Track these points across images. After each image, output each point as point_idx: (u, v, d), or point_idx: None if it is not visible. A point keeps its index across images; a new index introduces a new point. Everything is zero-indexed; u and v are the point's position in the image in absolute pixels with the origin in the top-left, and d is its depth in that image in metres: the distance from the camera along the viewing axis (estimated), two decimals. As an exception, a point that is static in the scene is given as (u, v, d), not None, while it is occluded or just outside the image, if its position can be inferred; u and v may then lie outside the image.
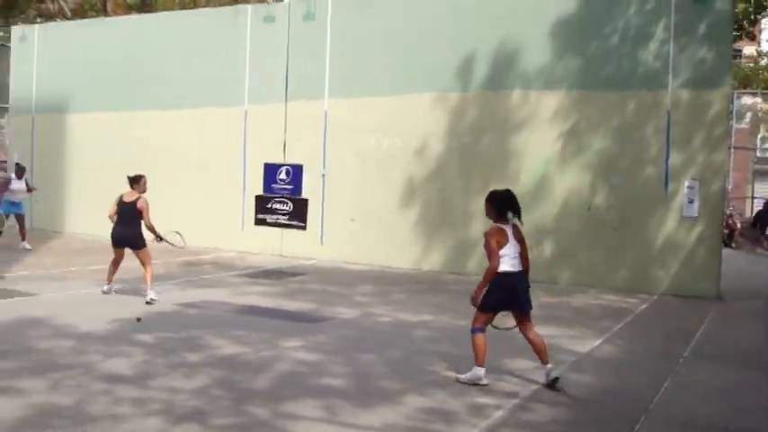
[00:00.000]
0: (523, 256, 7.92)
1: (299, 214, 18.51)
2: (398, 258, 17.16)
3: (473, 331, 7.88)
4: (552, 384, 7.75)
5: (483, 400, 7.30)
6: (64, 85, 23.29)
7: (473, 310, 7.96)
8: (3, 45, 31.74)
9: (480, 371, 7.79)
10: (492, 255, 7.76)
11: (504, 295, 7.78)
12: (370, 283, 14.99)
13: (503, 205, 7.91)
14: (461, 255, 16.57)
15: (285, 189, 18.71)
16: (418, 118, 17.16)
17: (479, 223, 16.23)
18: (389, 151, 17.51)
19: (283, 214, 18.73)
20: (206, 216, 19.49)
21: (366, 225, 17.70)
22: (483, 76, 16.62)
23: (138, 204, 12.02)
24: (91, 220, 21.94)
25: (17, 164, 20.33)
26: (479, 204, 16.12)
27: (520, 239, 7.93)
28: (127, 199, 12.15)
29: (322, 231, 18.27)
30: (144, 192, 12.20)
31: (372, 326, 10.84)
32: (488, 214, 8.05)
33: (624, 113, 15.43)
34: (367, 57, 17.86)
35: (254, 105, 19.36)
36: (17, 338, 9.25)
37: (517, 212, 7.93)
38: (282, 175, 18.74)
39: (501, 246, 7.77)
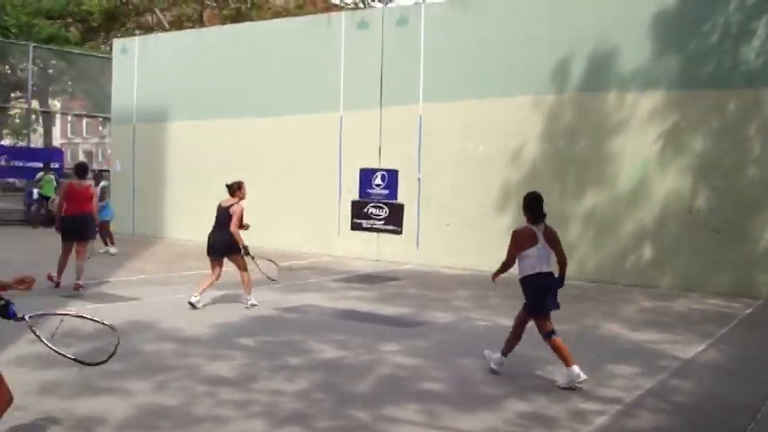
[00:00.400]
0: (558, 257, 8.24)
1: (394, 219, 18.57)
2: (494, 262, 16.77)
3: (547, 337, 8.12)
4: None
5: (585, 405, 7.21)
6: (163, 94, 23.88)
7: (574, 312, 7.99)
8: (105, 58, 32.70)
9: (574, 370, 7.76)
10: (508, 253, 8.36)
11: (540, 295, 8.15)
12: (466, 287, 14.94)
13: (529, 207, 8.31)
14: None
15: (381, 194, 18.79)
16: (513, 121, 17.04)
17: (576, 227, 16.11)
18: (485, 155, 17.43)
19: (379, 219, 18.82)
20: (303, 221, 19.72)
21: (462, 229, 17.65)
22: (579, 77, 16.41)
23: (231, 209, 11.95)
24: (191, 227, 22.43)
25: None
26: (575, 208, 16.13)
27: (553, 241, 8.24)
28: (224, 204, 12.14)
29: (418, 236, 18.30)
30: (243, 198, 12.15)
31: (470, 330, 10.81)
32: (525, 215, 8.38)
33: (725, 113, 15.02)
34: (461, 60, 17.83)
35: (350, 111, 19.51)
36: (123, 341, 9.46)
37: (539, 216, 8.27)
38: (378, 180, 18.83)
39: (528, 246, 8.13)
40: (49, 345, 5.61)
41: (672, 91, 15.44)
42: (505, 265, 8.37)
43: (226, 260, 12.06)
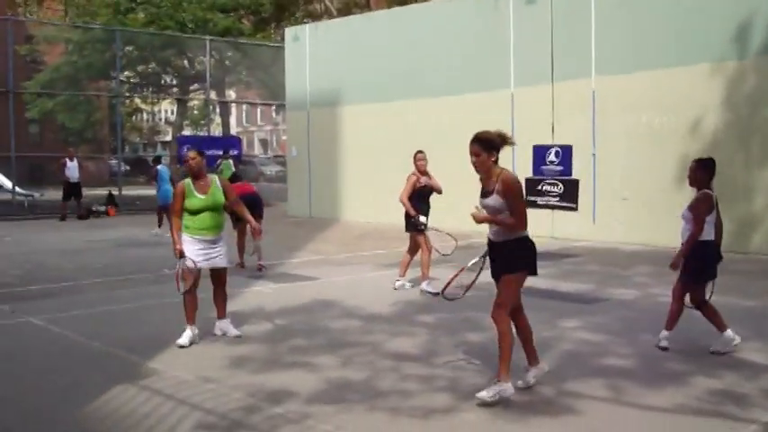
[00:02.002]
0: (718, 226, 8.16)
1: (569, 195, 18.30)
2: (674, 238, 16.44)
3: (703, 304, 8.17)
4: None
5: (779, 382, 6.92)
6: (335, 79, 24.36)
7: (762, 289, 7.67)
8: (277, 47, 33.61)
9: (729, 333, 7.89)
10: (700, 221, 7.98)
11: (710, 262, 8.10)
12: (645, 263, 14.57)
13: (713, 173, 8.15)
14: (743, 232, 15.69)
15: (555, 170, 18.56)
16: (692, 91, 16.42)
17: (762, 198, 15.41)
18: (662, 127, 16.90)
19: (554, 196, 18.59)
20: (477, 201, 19.71)
21: (639, 204, 17.20)
22: (761, 41, 15.62)
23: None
24: (367, 208, 22.84)
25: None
26: (761, 178, 15.40)
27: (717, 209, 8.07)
28: None
29: (594, 212, 17.96)
30: (418, 169, 11.77)
31: (653, 307, 10.52)
32: (695, 182, 8.24)
33: None
34: (635, 30, 17.32)
35: (521, 88, 19.33)
36: (309, 318, 9.82)
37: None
38: (552, 157, 18.60)
39: (708, 213, 7.97)
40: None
41: None
42: (695, 237, 8.05)
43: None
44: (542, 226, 18.76)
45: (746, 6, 15.70)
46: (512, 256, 6.73)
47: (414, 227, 11.69)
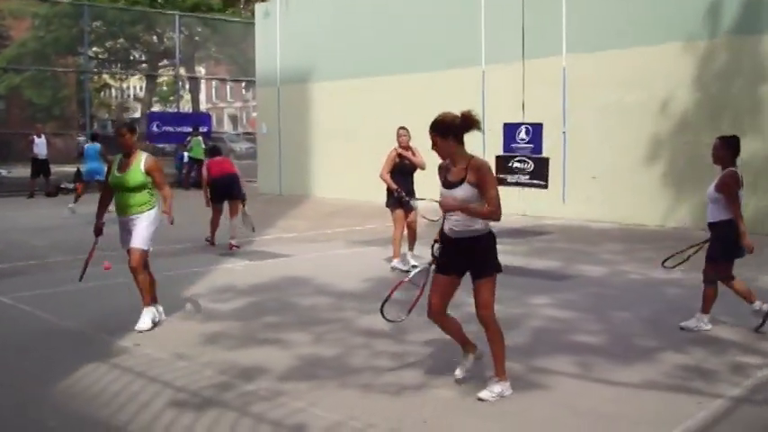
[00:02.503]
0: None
1: (540, 173, 18.30)
2: (643, 215, 16.69)
3: (730, 280, 8.07)
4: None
5: (745, 359, 6.99)
6: (306, 55, 24.27)
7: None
8: (247, 23, 33.41)
9: (756, 303, 7.95)
10: (735, 198, 7.76)
11: (737, 240, 7.84)
12: (615, 240, 14.70)
13: (737, 150, 7.95)
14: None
15: (525, 148, 18.58)
16: (662, 69, 16.50)
17: (731, 176, 15.54)
18: (632, 105, 16.99)
19: (524, 173, 18.61)
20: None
21: (609, 182, 17.31)
22: (732, 20, 15.70)
23: None
24: (338, 185, 22.83)
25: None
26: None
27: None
28: None
29: (564, 190, 18.05)
30: (399, 144, 11.76)
31: (622, 284, 10.64)
32: (719, 160, 8.00)
33: None
34: (605, 8, 17.37)
35: (492, 65, 19.34)
36: (281, 295, 9.82)
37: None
38: (522, 135, 18.59)
39: (739, 190, 7.85)
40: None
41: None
42: (737, 214, 7.80)
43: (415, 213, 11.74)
44: (513, 204, 18.83)
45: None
46: (489, 255, 6.20)
47: (394, 203, 11.61)
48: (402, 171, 11.63)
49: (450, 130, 6.16)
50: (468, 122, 6.16)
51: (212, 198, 13.99)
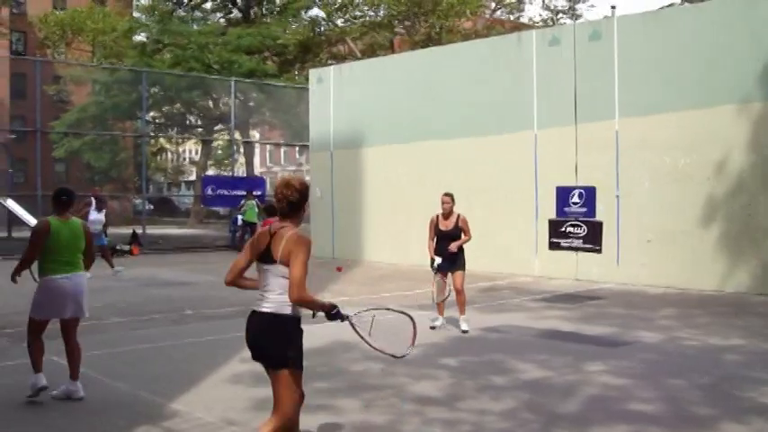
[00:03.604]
0: None
1: (593, 237, 18.22)
2: (699, 280, 16.42)
3: None
4: None
5: (808, 429, 6.82)
6: (359, 120, 24.48)
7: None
8: (301, 88, 33.89)
9: None
10: None
11: None
12: (670, 305, 14.46)
13: None
14: (769, 274, 15.62)
15: (578, 212, 18.50)
16: (716, 132, 16.37)
17: (789, 241, 15.29)
18: (686, 168, 16.84)
19: (577, 237, 18.51)
20: (500, 242, 19.64)
21: (664, 246, 17.08)
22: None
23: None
24: (389, 249, 22.84)
25: (98, 197, 21.24)
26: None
27: None
28: None
29: (618, 254, 17.84)
30: (443, 212, 11.97)
31: (678, 350, 10.44)
32: None
33: None
34: (657, 72, 17.31)
35: (544, 129, 19.33)
36: (331, 360, 9.78)
37: None
38: (575, 198, 18.55)
39: None
40: (367, 340, 6.08)
41: None
42: None
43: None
44: (566, 268, 18.70)
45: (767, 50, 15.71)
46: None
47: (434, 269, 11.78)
48: (443, 237, 11.81)
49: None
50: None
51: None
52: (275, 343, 5.43)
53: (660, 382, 8.57)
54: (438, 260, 11.64)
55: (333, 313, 5.54)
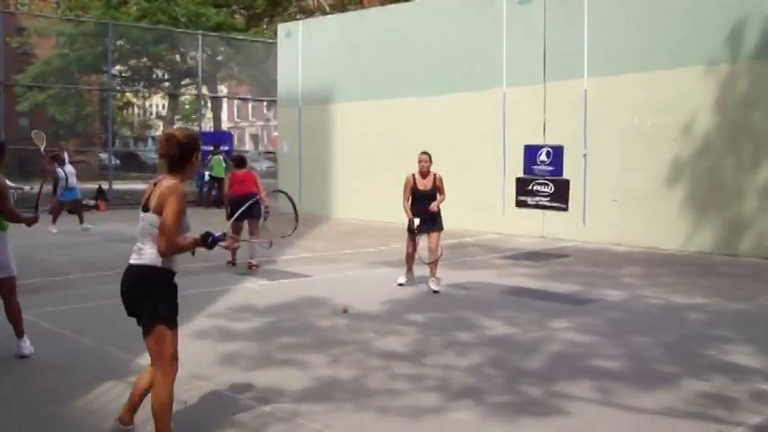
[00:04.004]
0: None
1: (560, 196, 18.33)
2: (663, 239, 16.60)
3: None
4: None
5: (766, 386, 6.92)
6: (328, 76, 24.34)
7: (751, 292, 7.62)
8: (269, 43, 33.59)
9: None
10: None
11: None
12: (635, 264, 14.62)
13: None
14: (733, 235, 15.77)
15: (546, 170, 18.58)
16: (684, 93, 16.44)
17: (752, 201, 15.47)
18: (654, 129, 16.92)
19: (544, 196, 18.62)
20: (467, 199, 19.70)
21: (629, 205, 17.23)
22: (754, 45, 15.63)
23: None
24: (358, 205, 22.84)
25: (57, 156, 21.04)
26: (752, 181, 15.46)
27: None
28: None
29: (584, 212, 17.99)
30: (420, 170, 11.76)
31: (642, 308, 10.57)
32: None
33: None
34: (627, 31, 17.32)
35: (513, 87, 19.33)
36: (299, 316, 9.82)
37: None
38: (543, 157, 18.62)
39: None
40: (250, 240, 5.75)
41: None
42: None
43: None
44: (533, 226, 18.82)
45: (740, 10, 15.72)
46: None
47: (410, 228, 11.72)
48: (421, 197, 11.63)
49: None
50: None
51: (232, 216, 13.93)
52: (145, 298, 5.15)
53: (624, 339, 8.68)
54: (417, 221, 11.53)
55: (210, 241, 5.18)
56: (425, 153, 11.76)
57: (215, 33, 37.26)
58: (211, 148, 28.83)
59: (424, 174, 11.66)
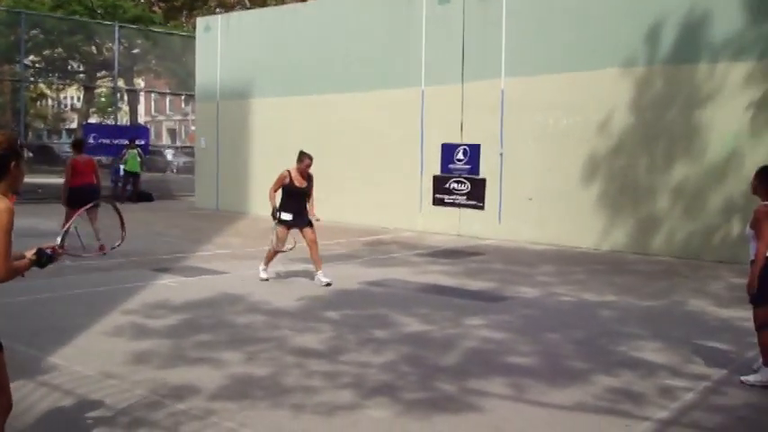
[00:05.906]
0: None
1: (476, 194, 18.52)
2: (578, 238, 16.90)
3: (761, 329, 7.14)
4: None
5: (673, 382, 7.12)
6: (246, 71, 24.17)
7: (662, 288, 7.78)
8: (188, 36, 33.21)
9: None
10: (764, 238, 6.94)
11: None
12: (550, 262, 14.85)
13: None
14: (645, 234, 16.15)
15: (463, 169, 18.75)
16: (599, 94, 16.76)
17: (664, 200, 15.86)
18: (569, 129, 17.22)
19: (461, 194, 18.78)
20: (384, 197, 19.80)
21: (545, 204, 17.50)
22: (667, 49, 16.01)
23: None
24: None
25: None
26: (664, 181, 15.85)
27: None
28: None
29: (500, 211, 18.21)
30: (302, 169, 12.18)
31: (555, 305, 10.75)
32: (757, 191, 7.22)
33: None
34: (544, 34, 17.59)
35: (431, 86, 19.47)
36: (214, 313, 9.74)
37: None
38: (460, 155, 18.79)
39: None
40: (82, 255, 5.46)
41: (764, 60, 14.96)
42: (762, 255, 7.01)
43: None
44: (449, 224, 18.99)
45: (654, 14, 16.08)
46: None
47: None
48: (296, 193, 12.06)
49: None
50: None
51: (69, 205, 13.71)
52: None
53: (537, 336, 8.83)
54: (288, 216, 11.95)
55: (43, 261, 4.39)
56: (311, 158, 12.20)
57: (132, 25, 36.68)
58: (127, 143, 28.38)
59: (304, 174, 12.07)
